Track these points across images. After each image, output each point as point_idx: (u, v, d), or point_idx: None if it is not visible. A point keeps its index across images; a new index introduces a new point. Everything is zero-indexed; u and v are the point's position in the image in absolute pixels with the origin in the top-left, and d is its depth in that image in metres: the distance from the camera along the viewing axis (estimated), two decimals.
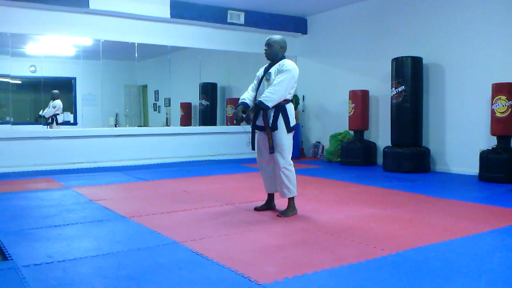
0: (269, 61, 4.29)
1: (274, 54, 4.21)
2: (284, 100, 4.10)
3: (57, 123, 9.76)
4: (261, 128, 4.20)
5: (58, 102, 9.86)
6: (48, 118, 9.76)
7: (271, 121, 4.09)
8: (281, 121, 4.09)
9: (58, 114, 9.84)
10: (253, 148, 4.34)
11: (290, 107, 4.16)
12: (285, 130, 4.10)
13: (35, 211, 4.45)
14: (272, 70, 4.17)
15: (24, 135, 7.51)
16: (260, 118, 4.16)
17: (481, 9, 6.80)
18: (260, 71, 4.36)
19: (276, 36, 4.27)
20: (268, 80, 4.16)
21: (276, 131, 4.09)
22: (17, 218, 4.12)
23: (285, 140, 4.11)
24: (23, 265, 2.78)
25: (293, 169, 4.18)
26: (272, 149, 4.08)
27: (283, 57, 4.24)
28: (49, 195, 5.34)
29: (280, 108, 4.09)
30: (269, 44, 4.21)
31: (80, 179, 6.60)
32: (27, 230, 3.69)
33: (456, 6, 7.13)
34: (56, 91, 9.98)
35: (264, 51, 4.25)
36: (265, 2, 8.71)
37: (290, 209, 4.18)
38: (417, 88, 7.33)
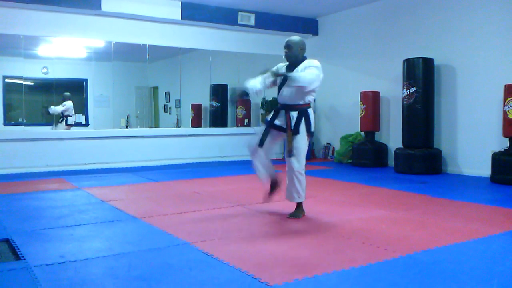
0: (286, 63, 4.21)
1: (294, 56, 4.14)
2: (305, 104, 4.05)
3: (66, 124, 9.81)
4: (280, 129, 4.12)
5: (69, 102, 9.93)
6: (58, 117, 9.83)
7: (293, 123, 4.01)
8: (303, 126, 4.03)
9: (69, 116, 9.90)
10: (260, 146, 4.14)
11: (311, 112, 4.11)
12: (305, 134, 4.05)
13: (47, 211, 4.49)
14: (299, 68, 4.07)
15: (37, 136, 7.58)
16: (282, 118, 4.10)
17: (493, 10, 6.74)
18: (279, 66, 4.24)
19: (295, 38, 4.21)
20: None
21: (297, 135, 4.01)
22: (30, 219, 4.17)
23: (302, 144, 4.04)
24: (35, 265, 2.81)
25: (304, 174, 4.13)
26: (291, 152, 4.01)
27: (304, 58, 4.17)
28: (61, 195, 5.39)
29: (302, 112, 4.04)
30: (289, 46, 4.14)
31: (92, 179, 6.64)
32: (39, 230, 3.73)
33: (468, 7, 7.08)
34: (67, 93, 10.06)
35: (284, 53, 4.17)
36: (276, 4, 8.71)
37: (300, 211, 4.17)
38: (429, 89, 7.29)
